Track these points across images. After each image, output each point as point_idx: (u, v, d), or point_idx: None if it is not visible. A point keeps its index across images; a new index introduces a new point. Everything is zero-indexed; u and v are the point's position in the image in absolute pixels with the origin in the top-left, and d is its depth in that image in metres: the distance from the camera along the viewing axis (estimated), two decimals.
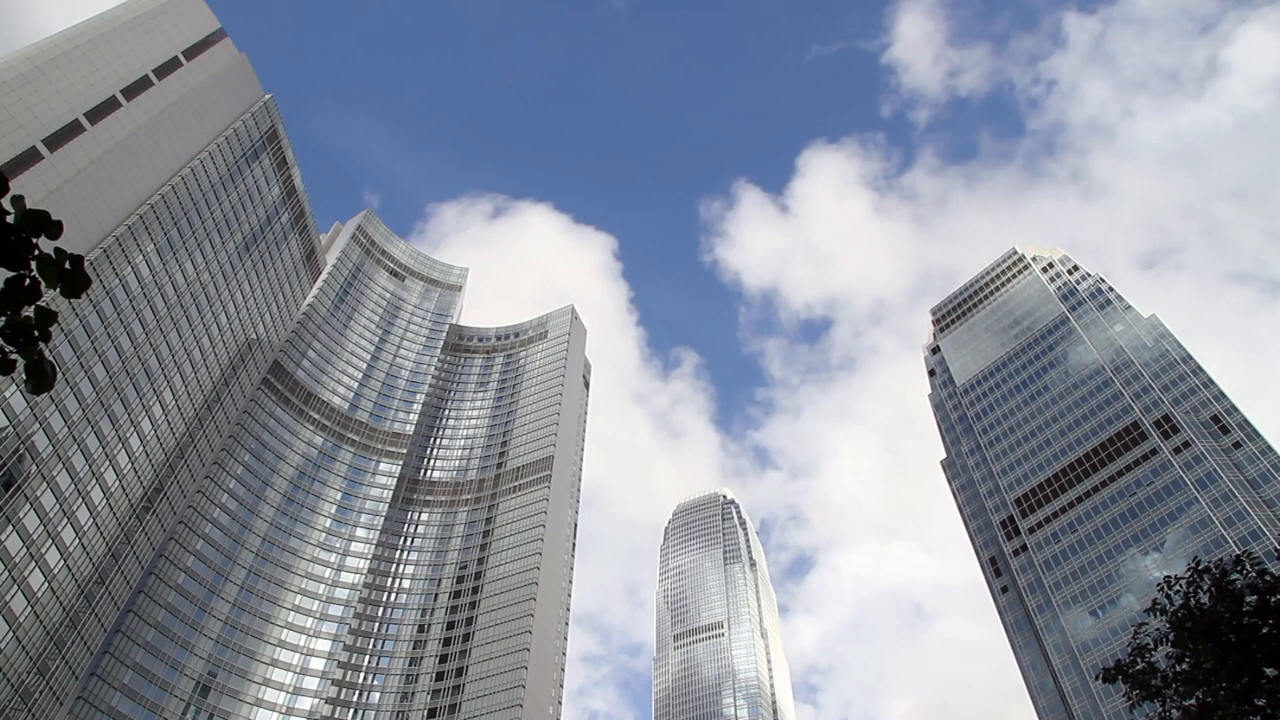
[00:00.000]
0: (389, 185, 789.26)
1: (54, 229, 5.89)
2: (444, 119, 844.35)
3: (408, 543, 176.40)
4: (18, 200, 5.83)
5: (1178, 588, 20.09)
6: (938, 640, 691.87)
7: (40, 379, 5.93)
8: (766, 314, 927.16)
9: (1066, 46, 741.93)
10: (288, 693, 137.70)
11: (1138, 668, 20.13)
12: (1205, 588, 19.54)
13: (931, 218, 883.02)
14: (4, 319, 5.94)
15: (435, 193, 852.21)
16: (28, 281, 5.87)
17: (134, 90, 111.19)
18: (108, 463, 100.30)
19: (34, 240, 5.84)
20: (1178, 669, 19.52)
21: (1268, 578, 19.05)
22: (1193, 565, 20.33)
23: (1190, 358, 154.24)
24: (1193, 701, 19.02)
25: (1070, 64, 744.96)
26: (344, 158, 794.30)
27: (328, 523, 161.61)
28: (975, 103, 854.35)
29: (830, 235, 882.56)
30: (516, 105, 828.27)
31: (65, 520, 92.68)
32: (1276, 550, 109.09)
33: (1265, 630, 18.32)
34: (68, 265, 5.85)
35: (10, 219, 5.81)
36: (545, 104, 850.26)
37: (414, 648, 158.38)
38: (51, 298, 71.03)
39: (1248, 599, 18.83)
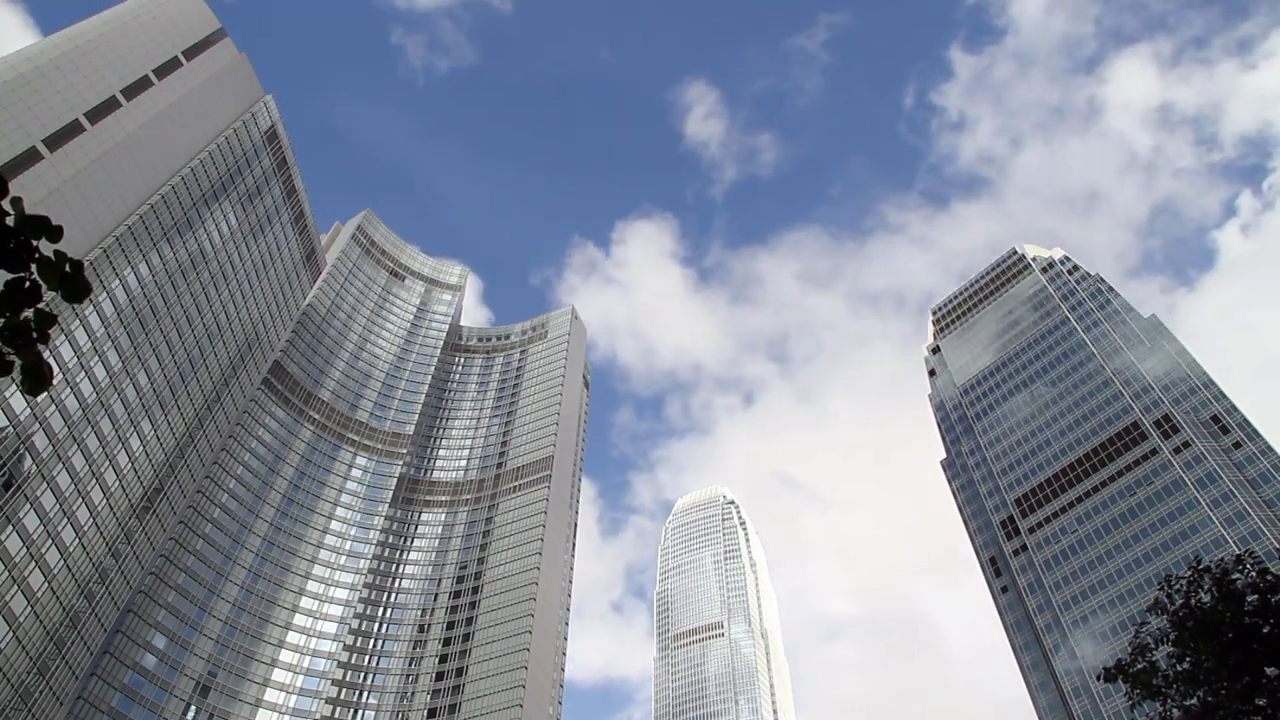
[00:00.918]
0: (389, 185, 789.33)
1: (54, 233, 5.89)
2: (443, 119, 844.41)
3: (408, 543, 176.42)
4: (16, 202, 5.82)
5: (1179, 587, 20.09)
6: None
7: (37, 380, 5.92)
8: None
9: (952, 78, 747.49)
10: (288, 693, 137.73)
11: (1138, 667, 20.14)
12: (1206, 587, 19.54)
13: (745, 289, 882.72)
14: (3, 320, 5.93)
15: (435, 193, 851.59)
16: (28, 284, 5.87)
17: (134, 90, 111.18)
18: (108, 463, 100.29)
19: (35, 243, 5.83)
20: (1179, 668, 19.52)
21: (1269, 577, 19.05)
22: (1193, 565, 20.33)
23: (1191, 358, 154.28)
24: (1194, 701, 19.01)
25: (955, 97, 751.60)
26: (344, 158, 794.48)
27: (327, 523, 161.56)
28: (766, 181, 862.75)
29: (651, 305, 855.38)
30: (517, 105, 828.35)
31: (65, 520, 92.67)
32: (1277, 550, 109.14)
33: (1266, 630, 18.31)
34: (68, 269, 5.84)
35: (10, 221, 5.81)
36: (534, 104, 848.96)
37: (414, 648, 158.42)
38: (52, 299, 71.07)
39: (1249, 598, 18.83)
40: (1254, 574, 19.33)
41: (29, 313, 5.97)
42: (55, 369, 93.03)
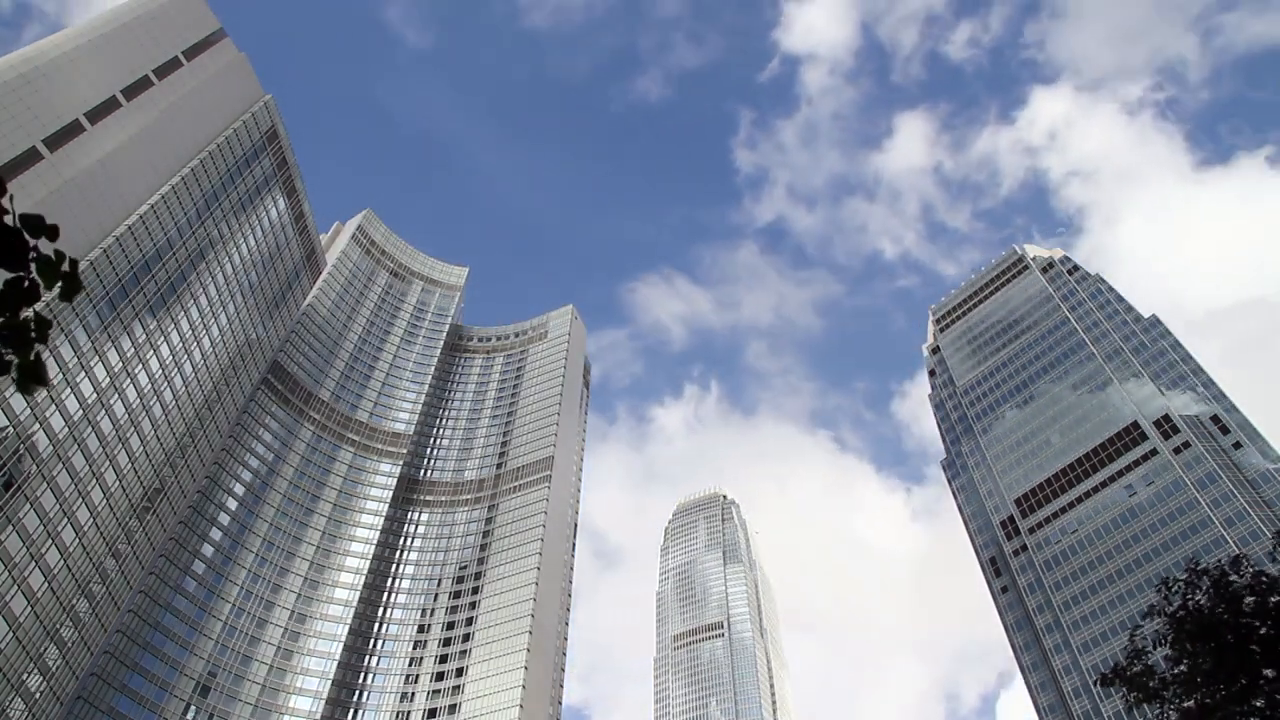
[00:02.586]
0: (389, 184, 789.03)
1: (51, 232, 5.91)
2: (444, 117, 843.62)
3: (408, 543, 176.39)
4: (13, 200, 5.84)
5: (1176, 589, 20.09)
6: None
7: (33, 379, 5.93)
8: None
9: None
10: (288, 693, 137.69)
11: (1135, 670, 20.12)
12: (1204, 589, 19.54)
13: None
14: (2, 320, 5.95)
15: (435, 192, 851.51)
16: (26, 283, 5.89)
17: (134, 90, 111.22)
18: (108, 463, 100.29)
19: (33, 242, 5.85)
20: (1176, 670, 19.51)
21: (1265, 578, 19.04)
22: (1191, 567, 20.32)
23: (1190, 358, 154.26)
24: (1191, 703, 19.00)
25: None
26: (344, 158, 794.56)
27: (327, 523, 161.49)
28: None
29: None
30: (517, 105, 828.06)
31: (65, 520, 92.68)
32: (1272, 550, 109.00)
33: (1263, 631, 18.31)
34: (66, 268, 5.86)
35: (8, 220, 5.83)
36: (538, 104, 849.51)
37: (414, 648, 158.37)
38: (51, 299, 71.07)
39: (1246, 600, 18.82)
40: (1251, 575, 19.32)
41: (28, 312, 5.99)
42: (55, 369, 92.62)
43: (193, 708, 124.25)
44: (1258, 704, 18.08)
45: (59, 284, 5.90)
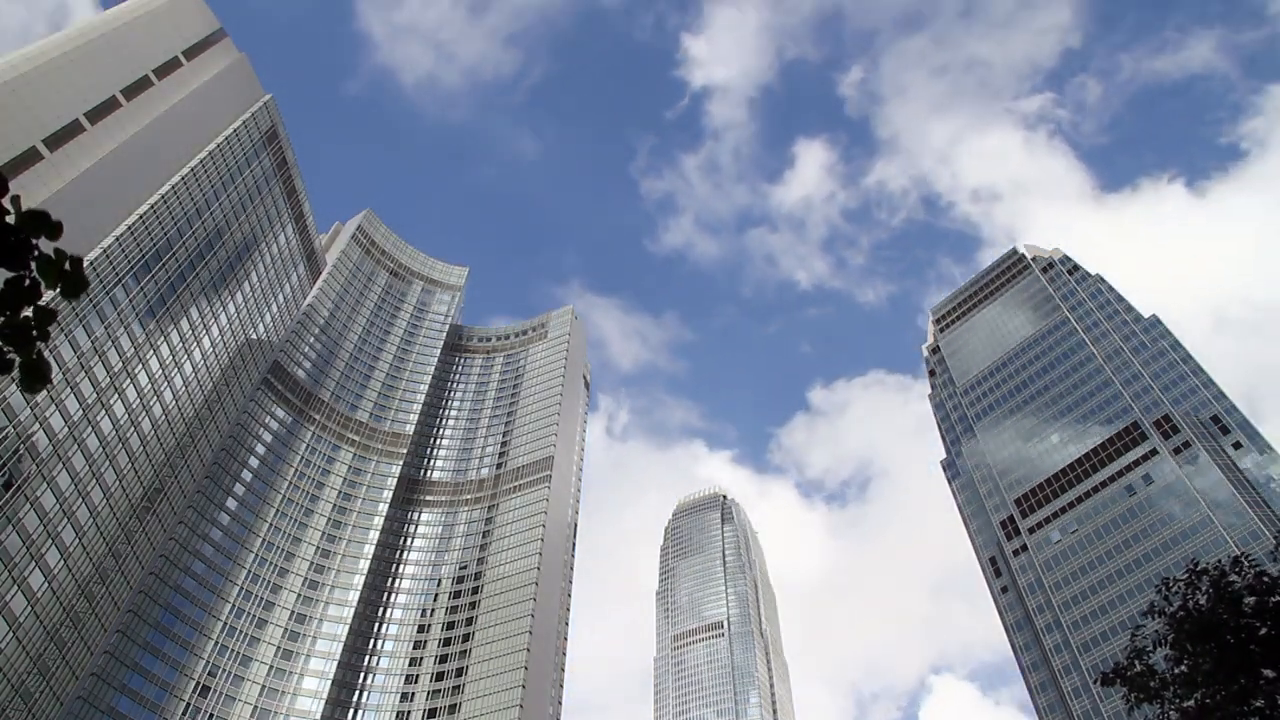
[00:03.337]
0: (389, 184, 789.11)
1: (54, 230, 5.90)
2: (444, 117, 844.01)
3: (408, 543, 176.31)
4: (15, 200, 5.84)
5: (1176, 589, 20.08)
6: None
7: (37, 377, 5.93)
8: None
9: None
10: (288, 693, 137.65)
11: (1135, 670, 20.12)
12: (1203, 589, 19.52)
13: None
14: (3, 319, 5.95)
15: (435, 192, 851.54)
16: (28, 282, 5.89)
17: (134, 90, 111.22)
18: (108, 463, 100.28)
19: (34, 241, 5.85)
20: (1176, 671, 19.50)
21: (1265, 579, 19.03)
22: (1190, 567, 20.31)
23: (1190, 358, 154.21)
24: (1191, 703, 19.00)
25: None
26: (344, 158, 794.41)
27: (327, 523, 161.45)
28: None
29: None
30: (517, 104, 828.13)
31: (65, 520, 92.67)
32: (1274, 550, 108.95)
33: (1263, 631, 18.30)
34: (67, 266, 5.86)
35: (10, 219, 5.82)
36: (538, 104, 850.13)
37: (414, 648, 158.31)
38: (52, 298, 71.05)
39: (1246, 600, 18.81)
40: (1251, 576, 19.31)
41: (29, 311, 5.98)
42: (55, 369, 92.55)
43: (193, 708, 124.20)
44: (1258, 704, 18.08)
45: (60, 283, 5.90)
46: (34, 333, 5.94)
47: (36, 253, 5.81)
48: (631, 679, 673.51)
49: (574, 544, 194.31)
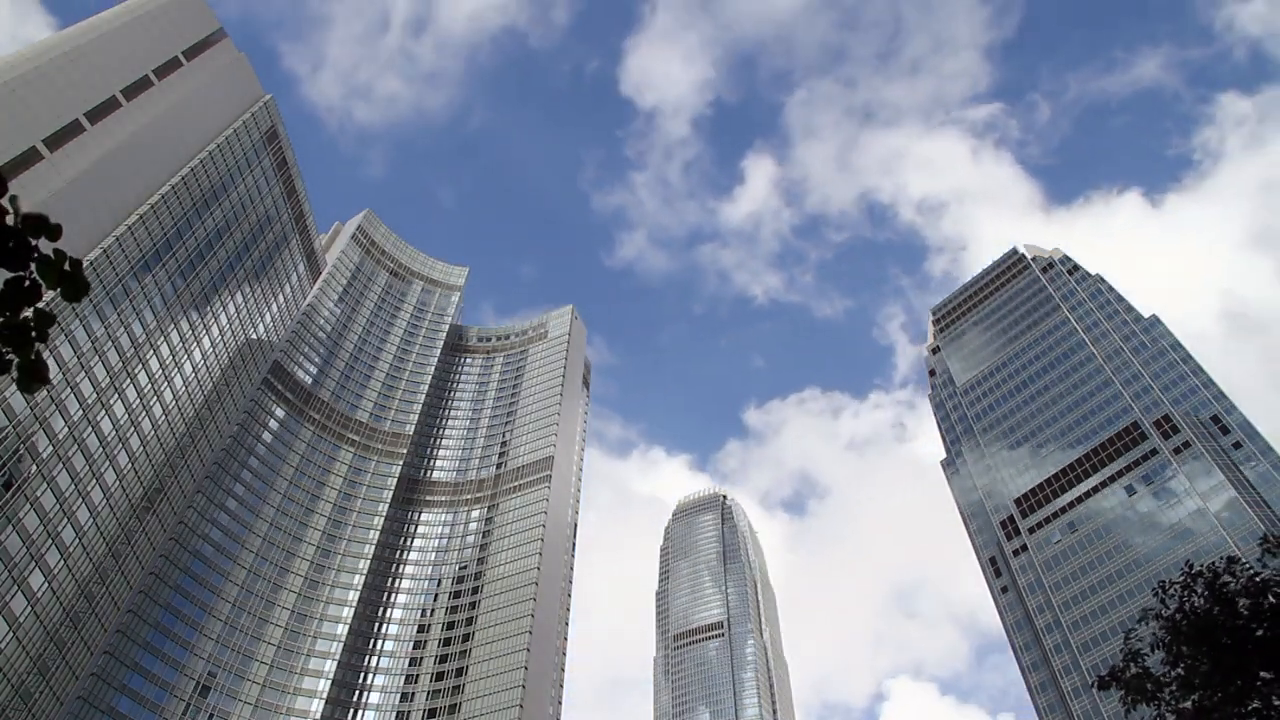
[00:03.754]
0: (389, 184, 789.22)
1: (53, 231, 5.93)
2: (444, 118, 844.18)
3: (408, 543, 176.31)
4: (14, 200, 5.86)
5: (1172, 592, 20.13)
6: None
7: (35, 377, 5.96)
8: None
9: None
10: (288, 693, 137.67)
11: (1131, 672, 20.16)
12: (1199, 591, 19.56)
13: None
14: (2, 320, 5.97)
15: (435, 192, 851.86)
16: (28, 283, 5.91)
17: (134, 90, 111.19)
18: (108, 463, 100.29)
19: (34, 242, 5.87)
20: (1173, 673, 19.54)
21: (1258, 580, 19.08)
22: (1185, 569, 20.35)
23: (1190, 358, 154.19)
24: (1189, 704, 19.03)
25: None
26: (344, 157, 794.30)
27: (327, 523, 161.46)
28: None
29: None
30: (517, 103, 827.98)
31: (65, 520, 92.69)
32: (1264, 550, 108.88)
33: (1260, 633, 18.33)
34: (67, 267, 5.88)
35: (9, 220, 5.85)
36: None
37: (414, 648, 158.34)
38: (52, 299, 71.06)
39: (1241, 602, 18.85)
40: (1245, 578, 19.35)
41: (28, 312, 6.01)
42: (55, 369, 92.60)
43: (193, 708, 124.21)
44: (1254, 705, 18.10)
45: (60, 284, 5.92)
46: (33, 334, 5.97)
47: (36, 254, 5.83)
48: (631, 679, 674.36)
49: (574, 544, 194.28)
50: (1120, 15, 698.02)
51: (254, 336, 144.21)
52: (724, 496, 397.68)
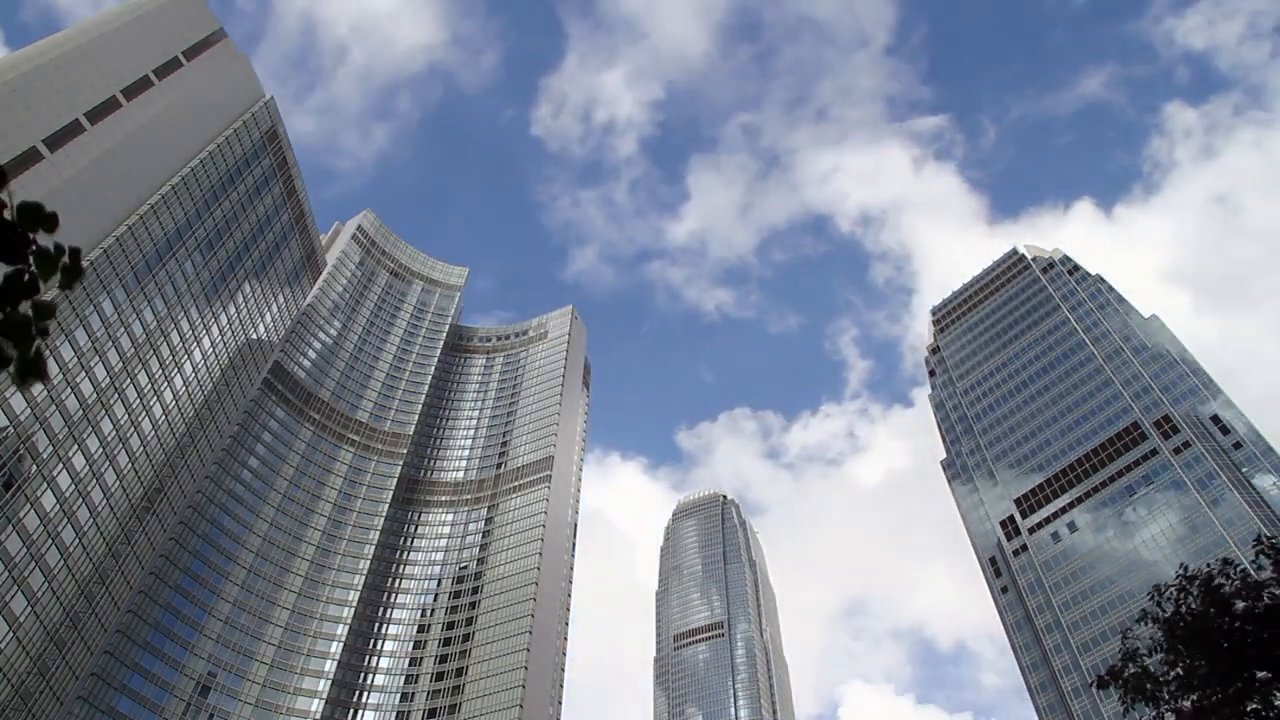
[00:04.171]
0: (389, 184, 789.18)
1: (50, 223, 5.90)
2: (443, 119, 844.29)
3: (408, 543, 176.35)
4: (11, 195, 5.84)
5: (1168, 595, 20.17)
6: None
7: (34, 372, 5.94)
8: None
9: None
10: (288, 693, 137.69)
11: (1130, 673, 20.19)
12: (1195, 594, 19.59)
13: None
14: (2, 315, 5.95)
15: (435, 193, 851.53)
16: (26, 277, 5.88)
17: (134, 90, 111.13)
18: (108, 463, 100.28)
19: (32, 235, 5.85)
20: (1171, 674, 19.57)
21: (1252, 582, 19.12)
22: (1181, 573, 20.41)
23: (1190, 358, 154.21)
24: (1187, 704, 19.06)
25: None
26: (344, 157, 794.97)
27: (327, 523, 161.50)
28: None
29: None
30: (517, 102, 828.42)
31: (65, 520, 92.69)
32: (1257, 552, 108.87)
33: (1255, 635, 18.35)
34: (66, 259, 5.86)
35: (6, 213, 5.83)
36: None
37: (414, 648, 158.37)
38: (53, 297, 70.91)
39: (1236, 604, 18.88)
40: (1238, 580, 19.39)
41: (26, 305, 5.98)
42: (55, 368, 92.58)
43: (193, 708, 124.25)
44: (1253, 705, 18.10)
45: (58, 275, 5.90)
46: (33, 328, 5.95)
47: (34, 246, 5.81)
48: (631, 679, 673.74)
49: (574, 544, 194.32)
50: (1060, 36, 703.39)
51: (254, 336, 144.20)
52: (724, 496, 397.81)
